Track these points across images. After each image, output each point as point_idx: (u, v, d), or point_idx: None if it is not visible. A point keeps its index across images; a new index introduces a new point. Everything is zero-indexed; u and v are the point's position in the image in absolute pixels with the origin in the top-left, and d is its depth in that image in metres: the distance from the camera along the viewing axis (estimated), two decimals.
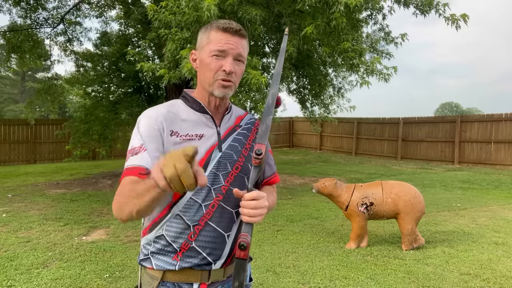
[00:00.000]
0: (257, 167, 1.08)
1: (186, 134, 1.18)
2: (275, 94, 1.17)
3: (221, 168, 1.19)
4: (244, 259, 1.02)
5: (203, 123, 1.22)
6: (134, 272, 3.61)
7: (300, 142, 19.85)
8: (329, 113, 10.24)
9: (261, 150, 1.06)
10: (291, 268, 3.76)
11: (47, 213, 5.87)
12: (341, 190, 4.37)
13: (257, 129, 1.33)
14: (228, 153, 1.22)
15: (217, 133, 1.23)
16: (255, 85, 4.88)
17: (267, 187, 1.37)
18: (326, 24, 5.38)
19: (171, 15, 5.30)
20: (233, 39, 1.17)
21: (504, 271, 3.70)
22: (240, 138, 1.28)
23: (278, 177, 1.42)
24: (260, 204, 1.07)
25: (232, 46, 1.17)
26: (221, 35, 1.17)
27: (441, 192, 8.03)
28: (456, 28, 5.68)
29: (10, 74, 29.64)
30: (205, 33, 1.21)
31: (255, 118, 1.38)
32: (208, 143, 1.20)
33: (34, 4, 10.41)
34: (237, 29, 1.18)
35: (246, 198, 1.07)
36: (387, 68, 6.23)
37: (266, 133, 1.11)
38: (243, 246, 1.01)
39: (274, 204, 1.34)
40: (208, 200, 1.17)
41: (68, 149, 9.97)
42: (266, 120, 1.13)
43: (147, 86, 10.67)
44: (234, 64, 1.18)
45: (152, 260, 1.19)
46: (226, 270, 1.22)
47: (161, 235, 1.17)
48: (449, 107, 62.05)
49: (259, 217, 1.06)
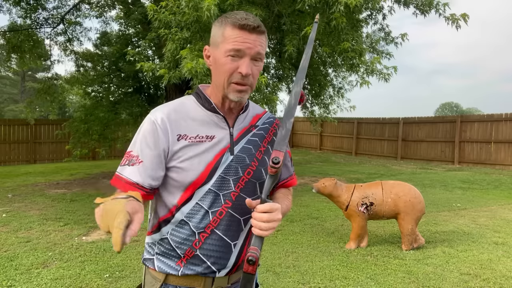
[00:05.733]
0: (273, 176, 0.99)
1: (196, 136, 1.11)
2: (299, 93, 1.09)
3: (232, 173, 1.12)
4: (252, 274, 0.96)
5: (214, 123, 1.14)
6: (134, 272, 3.61)
7: (300, 142, 19.85)
8: (329, 113, 10.24)
9: (279, 158, 0.97)
10: (291, 268, 3.76)
11: (47, 213, 5.87)
12: (341, 190, 4.37)
13: (275, 130, 1.25)
14: (240, 156, 1.14)
15: (230, 134, 1.14)
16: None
17: (283, 190, 1.29)
18: (326, 24, 5.39)
19: (171, 15, 5.30)
20: (251, 37, 1.06)
21: (504, 271, 3.70)
22: (255, 139, 1.19)
23: (295, 180, 1.32)
24: (273, 218, 0.99)
25: (250, 45, 1.05)
26: (237, 32, 1.05)
27: (441, 192, 8.03)
28: (456, 28, 5.68)
29: (10, 74, 29.65)
30: (219, 28, 1.09)
31: (274, 117, 1.28)
32: (219, 146, 1.12)
33: (34, 4, 10.41)
34: (255, 26, 1.05)
35: (259, 210, 0.99)
36: (387, 68, 6.24)
37: (285, 138, 1.03)
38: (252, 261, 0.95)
39: (289, 208, 1.25)
40: (215, 206, 1.10)
41: (68, 149, 9.97)
42: (286, 123, 1.05)
43: (147, 86, 10.67)
44: (251, 65, 1.07)
45: (156, 262, 1.15)
46: (231, 277, 1.17)
47: (165, 238, 1.14)
48: (449, 107, 62.04)
49: (271, 231, 0.99)
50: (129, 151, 1.12)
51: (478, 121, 12.63)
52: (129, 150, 1.12)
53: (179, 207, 1.11)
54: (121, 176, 1.09)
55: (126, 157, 1.11)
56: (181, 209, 1.11)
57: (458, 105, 62.36)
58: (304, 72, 1.11)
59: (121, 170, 1.10)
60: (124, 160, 1.11)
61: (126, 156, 1.11)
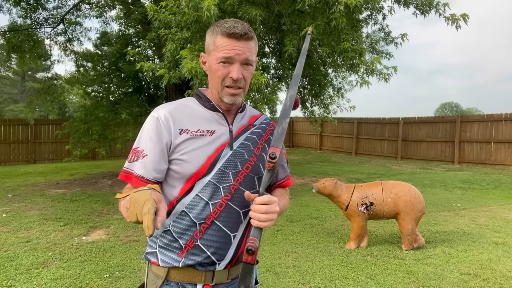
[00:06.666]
0: (270, 170, 1.08)
1: (197, 130, 1.18)
2: (293, 96, 1.18)
3: (231, 167, 1.18)
4: (251, 264, 1.01)
5: (215, 120, 1.22)
6: (134, 272, 3.61)
7: (300, 142, 19.85)
8: (329, 113, 10.24)
9: (276, 153, 1.06)
10: (291, 268, 3.76)
11: (47, 213, 5.87)
12: (341, 190, 4.37)
13: (272, 130, 1.33)
14: (239, 151, 1.21)
15: (229, 131, 1.22)
16: (255, 85, 4.88)
17: (280, 190, 1.35)
18: (326, 24, 5.39)
19: (171, 15, 5.31)
20: (239, 44, 1.15)
21: (504, 271, 3.71)
22: (254, 137, 1.27)
23: (291, 180, 1.40)
24: (271, 209, 1.06)
25: (239, 52, 1.15)
26: (226, 41, 1.15)
27: (441, 192, 8.03)
28: (456, 28, 5.68)
29: (10, 74, 29.65)
30: (211, 37, 1.19)
31: (270, 119, 1.37)
32: (219, 141, 1.19)
33: (34, 4, 10.42)
34: (242, 33, 1.14)
35: (257, 202, 1.06)
36: (387, 68, 6.24)
37: (282, 136, 1.11)
38: (251, 251, 1.00)
39: (286, 207, 1.32)
40: (216, 198, 1.15)
41: (68, 149, 9.97)
42: (282, 122, 1.14)
43: (147, 86, 10.67)
44: (242, 69, 1.17)
45: (159, 255, 1.19)
46: (230, 271, 1.21)
47: (168, 230, 1.18)
48: (449, 107, 62.06)
49: (269, 222, 1.05)
50: (135, 147, 1.19)
51: (478, 121, 12.63)
52: (135, 147, 1.19)
53: (179, 198, 1.17)
54: (129, 172, 1.17)
55: (133, 153, 1.18)
56: (181, 201, 1.16)
57: (458, 105, 62.39)
58: (298, 78, 1.22)
59: (131, 166, 1.18)
60: (132, 156, 1.18)
61: (133, 152, 1.18)
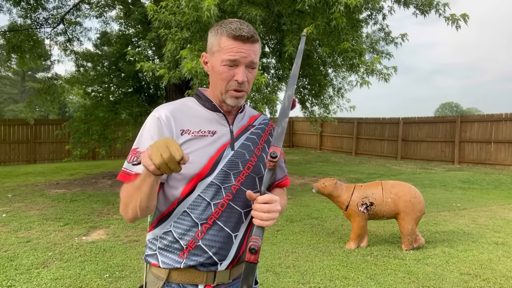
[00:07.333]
0: (271, 170, 1.08)
1: (198, 130, 1.17)
2: (291, 96, 1.17)
3: (233, 167, 1.18)
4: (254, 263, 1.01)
5: (215, 121, 1.21)
6: (134, 272, 3.61)
7: (300, 142, 19.85)
8: (329, 113, 10.24)
9: (276, 153, 1.06)
10: (291, 268, 3.76)
11: (47, 213, 5.87)
12: (341, 190, 4.37)
13: (271, 130, 1.33)
14: (240, 152, 1.20)
15: (230, 131, 1.22)
16: (255, 85, 4.88)
17: (278, 190, 1.36)
18: (326, 24, 5.39)
19: (171, 15, 5.30)
20: (245, 47, 1.13)
21: (504, 271, 3.71)
22: (254, 137, 1.26)
23: (288, 180, 1.40)
24: (273, 208, 1.06)
25: (244, 55, 1.13)
26: (232, 43, 1.13)
27: (441, 192, 8.03)
28: (456, 28, 5.68)
29: (10, 74, 29.66)
30: (215, 37, 1.17)
31: (269, 119, 1.37)
32: (220, 141, 1.18)
33: (34, 4, 10.41)
34: (248, 36, 1.13)
35: (259, 201, 1.06)
36: (387, 68, 6.24)
37: (281, 135, 1.11)
38: (254, 250, 1.00)
39: (285, 207, 1.32)
40: (217, 198, 1.15)
41: (68, 149, 9.97)
42: (281, 122, 1.14)
43: (147, 86, 10.67)
44: (246, 72, 1.16)
45: (159, 257, 1.17)
46: (232, 272, 1.20)
47: (169, 231, 1.17)
48: (449, 107, 62.06)
49: (271, 221, 1.05)
50: (135, 147, 1.16)
51: (478, 121, 12.63)
52: (135, 147, 1.16)
53: (181, 200, 1.15)
54: (129, 172, 1.14)
55: (133, 154, 1.14)
56: (183, 202, 1.15)
57: (458, 105, 62.39)
58: (295, 78, 1.20)
59: (129, 167, 1.14)
60: (131, 157, 1.15)
61: (133, 152, 1.15)
